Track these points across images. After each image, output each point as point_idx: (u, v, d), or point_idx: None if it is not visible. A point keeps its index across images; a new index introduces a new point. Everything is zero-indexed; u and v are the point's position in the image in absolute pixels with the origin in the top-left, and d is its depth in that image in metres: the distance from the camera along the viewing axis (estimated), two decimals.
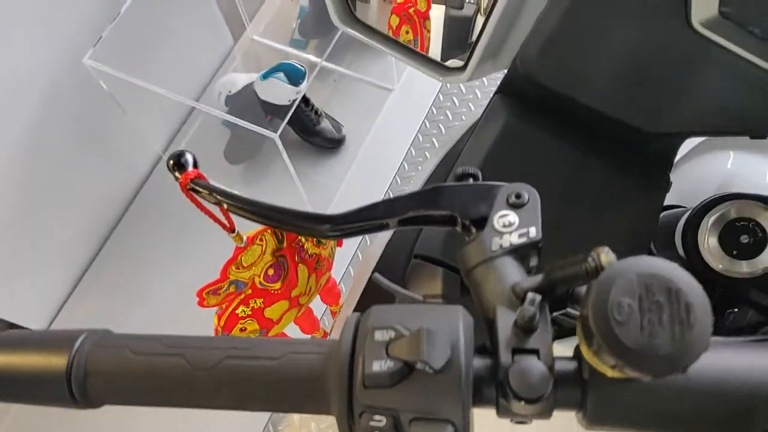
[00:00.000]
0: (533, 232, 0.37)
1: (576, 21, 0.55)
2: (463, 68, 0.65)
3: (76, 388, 0.36)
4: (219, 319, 0.61)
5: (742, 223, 0.58)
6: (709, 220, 0.58)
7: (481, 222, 0.39)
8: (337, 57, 1.77)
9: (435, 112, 1.79)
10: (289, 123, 1.65)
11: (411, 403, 0.30)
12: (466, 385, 0.30)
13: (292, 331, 0.76)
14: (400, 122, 1.76)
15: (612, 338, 0.27)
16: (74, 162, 1.49)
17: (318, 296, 0.75)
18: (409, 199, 0.41)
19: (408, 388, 0.31)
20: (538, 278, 0.35)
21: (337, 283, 0.76)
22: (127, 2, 1.40)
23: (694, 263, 0.59)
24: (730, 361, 0.32)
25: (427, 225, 0.41)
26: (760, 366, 0.31)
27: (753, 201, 0.58)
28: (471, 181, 0.41)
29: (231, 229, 0.52)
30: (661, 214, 0.66)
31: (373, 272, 0.35)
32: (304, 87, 1.57)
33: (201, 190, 0.43)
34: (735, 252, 0.58)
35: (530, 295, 0.33)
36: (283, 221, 0.42)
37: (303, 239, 0.62)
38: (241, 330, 0.61)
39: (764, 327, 0.60)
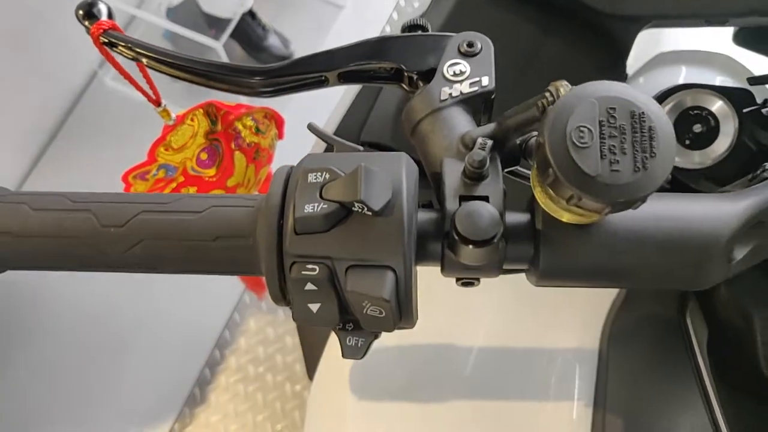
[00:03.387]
0: (486, 80, 0.34)
1: None
2: None
3: None
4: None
5: (695, 111, 0.56)
6: (665, 108, 0.57)
7: (430, 74, 0.35)
8: None
9: (389, 31, 1.73)
10: (235, 38, 1.56)
11: (347, 249, 0.28)
12: (408, 228, 0.28)
13: None
14: (351, 40, 1.69)
15: (570, 165, 0.25)
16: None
17: None
18: (351, 50, 0.37)
19: (344, 233, 0.28)
20: (489, 126, 0.32)
21: None
22: None
23: None
24: (681, 210, 0.30)
25: (371, 82, 0.38)
26: (710, 216, 0.30)
27: (707, 90, 0.56)
28: (420, 32, 0.37)
29: (157, 102, 0.47)
30: None
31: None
32: None
33: (117, 42, 0.38)
34: (688, 142, 0.56)
35: (480, 139, 0.31)
36: (209, 75, 0.38)
37: (240, 125, 0.58)
38: None
39: None
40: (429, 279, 0.35)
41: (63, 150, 1.61)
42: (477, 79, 0.34)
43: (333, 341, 0.59)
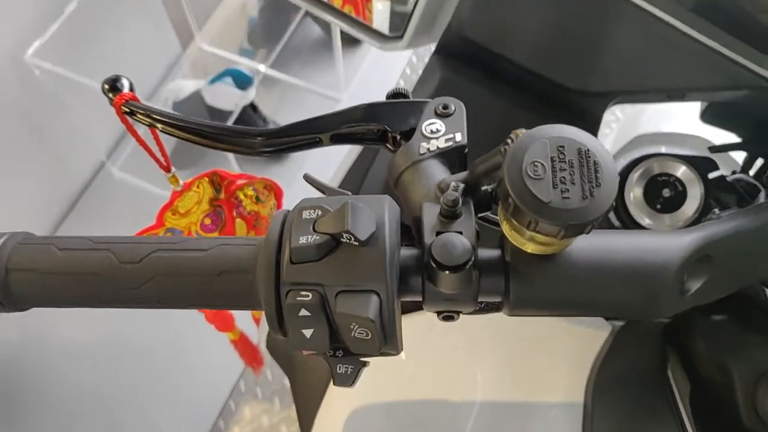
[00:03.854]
0: (459, 136, 0.39)
1: None
2: (401, 36, 0.67)
3: None
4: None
5: (663, 178, 0.61)
6: (634, 175, 0.61)
7: (410, 134, 0.40)
8: (285, 66, 1.79)
9: None
10: None
11: (337, 276, 0.31)
12: (390, 258, 0.31)
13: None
14: None
15: (527, 194, 0.28)
16: (10, 162, 1.45)
17: None
18: (342, 114, 0.42)
19: (334, 261, 0.31)
20: (462, 174, 0.36)
21: None
22: (74, 2, 1.39)
23: (622, 217, 0.61)
24: (634, 243, 0.33)
25: (360, 143, 0.42)
26: (661, 248, 0.33)
27: (671, 157, 0.61)
28: (402, 99, 0.42)
29: (167, 168, 0.51)
30: None
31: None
32: (251, 92, 1.58)
33: (136, 110, 0.43)
34: (659, 206, 0.61)
35: (453, 183, 0.35)
36: (216, 137, 0.42)
37: (241, 194, 0.62)
38: None
39: None
40: (416, 339, 0.38)
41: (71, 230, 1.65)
42: (451, 135, 0.39)
43: (326, 403, 0.60)
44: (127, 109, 0.43)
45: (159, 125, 0.43)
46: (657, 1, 0.53)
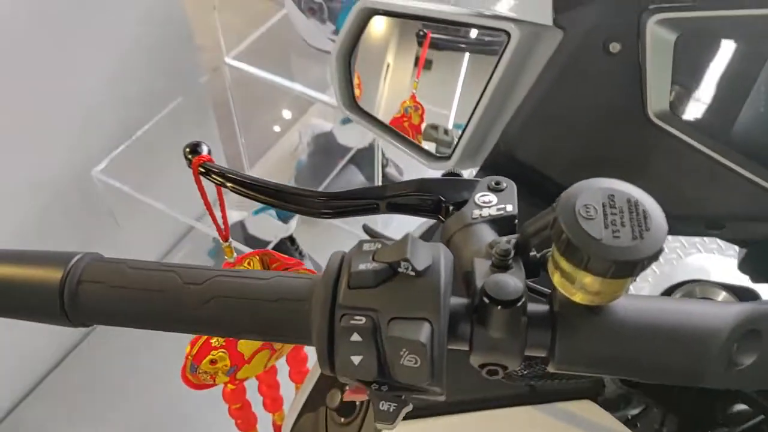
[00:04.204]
0: (510, 207, 0.41)
1: (549, 109, 0.63)
2: (449, 157, 0.72)
3: (68, 295, 0.36)
4: (192, 346, 0.60)
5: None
6: (676, 296, 0.62)
7: (462, 205, 0.43)
8: None
9: None
10: None
11: (391, 303, 0.32)
12: (444, 290, 0.32)
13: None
14: None
15: (579, 230, 0.30)
16: None
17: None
18: (400, 185, 0.45)
19: (389, 289, 0.32)
20: (513, 236, 0.38)
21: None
22: (144, 127, 1.52)
23: None
24: (683, 307, 0.34)
25: (414, 213, 0.45)
26: (709, 313, 0.33)
27: (713, 283, 0.62)
28: (455, 177, 0.45)
29: (225, 238, 0.54)
30: None
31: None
32: (293, 225, 1.65)
33: (211, 170, 0.47)
34: None
35: (505, 238, 0.36)
36: (281, 197, 0.45)
37: None
38: (212, 362, 0.60)
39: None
40: None
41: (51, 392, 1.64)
42: (503, 206, 0.41)
43: None
44: (203, 170, 0.47)
45: (230, 184, 0.46)
46: (695, 135, 0.57)
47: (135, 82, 1.54)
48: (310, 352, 0.81)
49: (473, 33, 0.75)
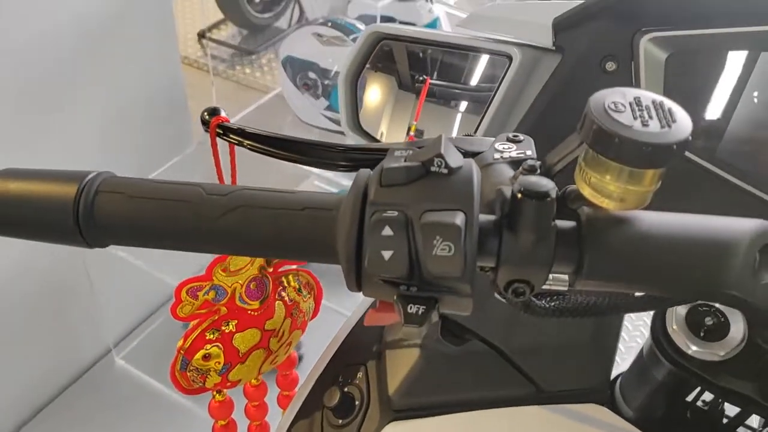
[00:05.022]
0: (530, 152, 0.42)
1: (547, 127, 0.66)
2: None
3: (83, 206, 0.35)
4: (185, 339, 0.58)
5: (704, 307, 0.61)
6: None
7: None
8: None
9: None
10: None
11: (424, 198, 0.32)
12: (477, 188, 0.33)
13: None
14: None
15: (609, 119, 0.31)
16: (21, 328, 1.45)
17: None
18: (420, 141, 0.46)
19: (422, 185, 0.33)
20: (537, 161, 0.39)
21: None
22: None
23: (665, 346, 0.60)
24: (706, 217, 0.35)
25: None
26: (732, 222, 0.34)
27: None
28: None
29: None
30: None
31: None
32: None
33: (227, 130, 0.47)
34: (702, 335, 0.60)
35: (530, 161, 0.37)
36: (301, 151, 0.46)
37: (285, 281, 0.63)
38: (205, 358, 0.58)
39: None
40: None
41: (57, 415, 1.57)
42: (522, 151, 0.42)
43: None
44: (221, 131, 0.48)
45: (248, 142, 0.47)
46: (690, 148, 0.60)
47: (129, 143, 1.57)
48: (301, 372, 0.78)
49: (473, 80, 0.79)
